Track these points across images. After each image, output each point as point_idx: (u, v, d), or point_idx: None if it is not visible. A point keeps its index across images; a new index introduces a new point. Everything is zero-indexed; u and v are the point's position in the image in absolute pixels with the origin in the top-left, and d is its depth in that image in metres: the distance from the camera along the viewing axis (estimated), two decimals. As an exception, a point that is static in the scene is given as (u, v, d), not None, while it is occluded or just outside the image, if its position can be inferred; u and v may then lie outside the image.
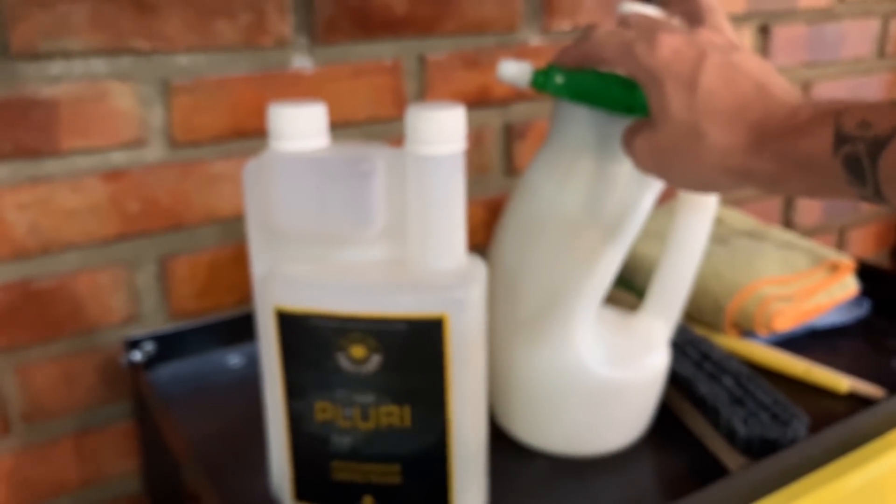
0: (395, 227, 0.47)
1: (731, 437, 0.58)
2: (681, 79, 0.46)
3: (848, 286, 0.80)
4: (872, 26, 1.29)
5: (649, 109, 0.48)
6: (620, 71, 0.50)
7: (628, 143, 0.50)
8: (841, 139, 0.40)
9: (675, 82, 0.46)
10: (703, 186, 0.48)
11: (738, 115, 0.45)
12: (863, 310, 0.82)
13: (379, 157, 0.46)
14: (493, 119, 0.94)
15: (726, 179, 0.46)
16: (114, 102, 0.72)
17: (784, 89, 0.46)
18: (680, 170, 0.47)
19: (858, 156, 0.39)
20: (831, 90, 1.28)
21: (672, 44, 0.46)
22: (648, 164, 0.49)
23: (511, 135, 0.96)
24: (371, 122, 0.86)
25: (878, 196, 0.40)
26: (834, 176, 0.41)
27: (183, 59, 0.74)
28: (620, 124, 0.54)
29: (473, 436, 0.50)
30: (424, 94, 0.88)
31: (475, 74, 0.90)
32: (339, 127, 0.83)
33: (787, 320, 0.75)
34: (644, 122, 0.49)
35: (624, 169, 0.55)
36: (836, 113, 0.41)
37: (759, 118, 0.44)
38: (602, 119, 0.54)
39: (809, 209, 1.32)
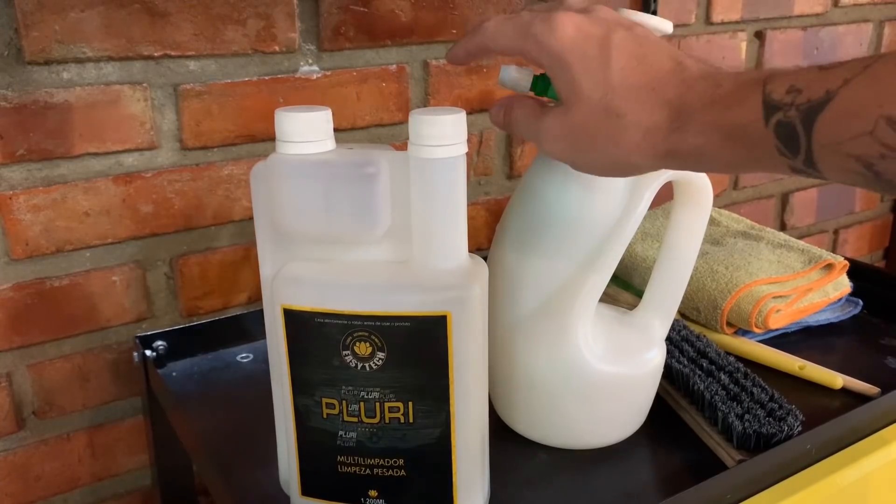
0: (399, 228, 0.48)
1: (727, 432, 0.58)
2: (589, 57, 0.42)
3: (842, 285, 0.81)
4: (866, 31, 1.29)
5: (557, 93, 0.45)
6: (522, 58, 0.46)
7: (534, 127, 0.47)
8: (771, 107, 0.37)
9: (584, 61, 0.43)
10: (620, 170, 0.45)
11: (656, 91, 0.42)
12: (856, 308, 0.82)
13: (383, 159, 0.47)
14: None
15: (648, 160, 0.43)
16: (126, 107, 0.73)
17: (697, 61, 0.43)
18: (596, 153, 0.44)
19: (792, 123, 0.36)
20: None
21: (573, 22, 0.43)
22: (558, 147, 0.46)
23: (512, 139, 0.97)
24: (376, 126, 0.86)
25: (809, 165, 0.37)
26: (763, 147, 0.38)
27: (193, 65, 0.75)
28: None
29: (475, 430, 0.50)
30: (428, 98, 0.89)
31: (477, 80, 0.91)
32: (345, 131, 0.85)
33: (782, 318, 0.76)
34: (552, 107, 0.46)
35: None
36: (761, 81, 0.38)
37: (679, 92, 0.41)
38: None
39: (804, 211, 1.32)
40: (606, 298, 0.62)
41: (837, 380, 0.68)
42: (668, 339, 0.66)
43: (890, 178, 0.35)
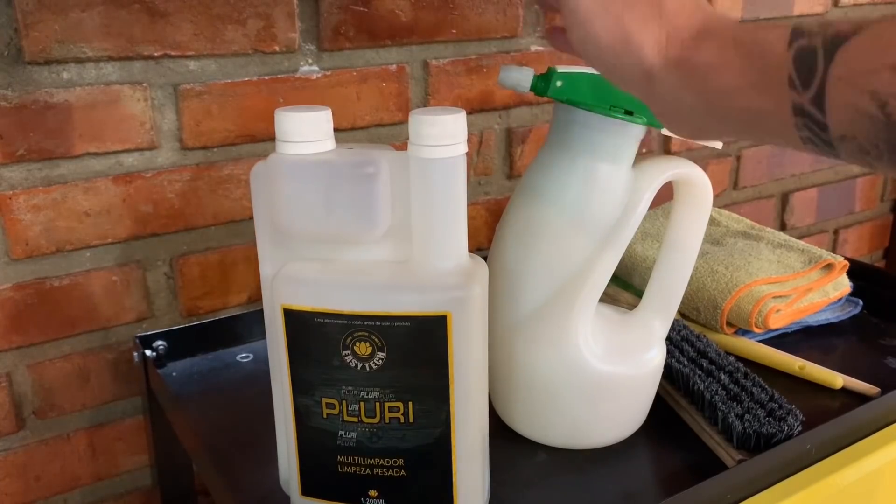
0: (399, 227, 0.48)
1: (727, 432, 0.59)
2: None
3: (842, 285, 0.81)
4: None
5: None
6: None
7: None
8: (798, 33, 0.35)
9: None
10: (624, 54, 0.42)
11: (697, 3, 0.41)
12: (856, 308, 0.82)
13: (383, 159, 0.47)
14: (495, 123, 0.95)
15: (657, 60, 0.41)
16: (126, 107, 0.73)
17: None
18: (615, 18, 0.41)
19: (814, 48, 0.34)
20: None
21: None
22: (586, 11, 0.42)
23: (512, 139, 0.97)
24: (376, 126, 0.87)
25: (816, 104, 0.35)
26: (776, 73, 0.36)
27: (193, 65, 0.75)
28: (619, 127, 0.55)
29: (475, 430, 0.50)
30: (428, 99, 0.89)
31: (477, 80, 0.91)
32: (345, 131, 0.85)
33: (782, 318, 0.76)
34: None
35: (621, 171, 0.57)
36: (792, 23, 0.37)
37: (712, 12, 0.41)
38: (600, 122, 0.55)
39: (804, 211, 1.32)
40: (606, 298, 0.62)
41: (837, 380, 0.68)
42: (668, 339, 0.66)
43: None
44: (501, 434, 0.62)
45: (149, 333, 0.75)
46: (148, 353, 0.74)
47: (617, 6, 0.41)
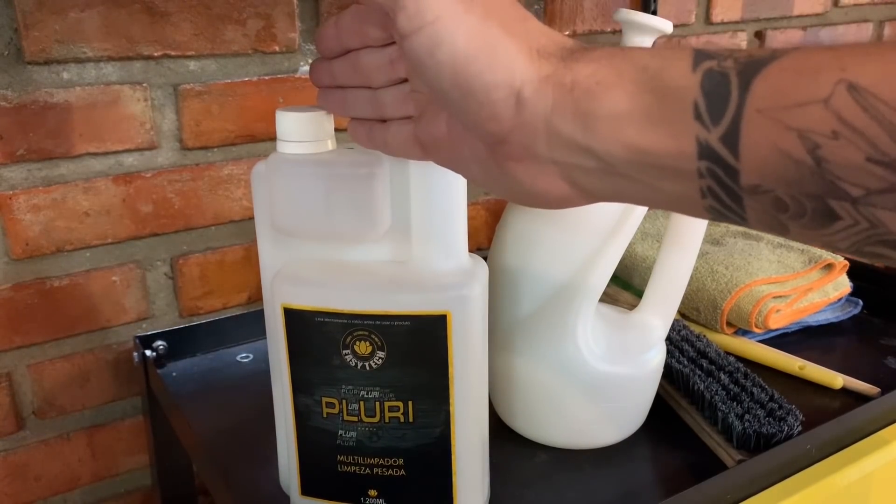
0: (399, 227, 0.48)
1: (727, 432, 0.59)
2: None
3: (842, 285, 0.81)
4: (866, 31, 1.29)
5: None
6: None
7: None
8: (703, 55, 0.29)
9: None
10: (479, 70, 0.32)
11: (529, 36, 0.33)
12: (856, 308, 0.82)
13: (383, 160, 0.47)
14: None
15: (520, 77, 0.32)
16: (125, 107, 0.73)
17: None
18: (474, 22, 0.32)
19: (726, 73, 0.28)
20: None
21: None
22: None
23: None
24: (376, 126, 0.86)
25: (728, 141, 0.27)
26: (678, 102, 0.28)
27: (193, 65, 0.75)
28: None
29: (475, 430, 0.50)
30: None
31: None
32: (345, 131, 0.85)
33: (782, 318, 0.76)
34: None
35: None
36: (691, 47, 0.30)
37: (562, 42, 0.33)
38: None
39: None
40: (606, 298, 0.62)
41: (837, 380, 0.68)
42: (668, 339, 0.66)
43: (834, 169, 0.26)
44: (501, 434, 0.62)
45: (149, 333, 0.75)
46: (148, 353, 0.75)
47: (478, 7, 0.33)
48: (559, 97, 0.31)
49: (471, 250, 0.49)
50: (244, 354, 0.78)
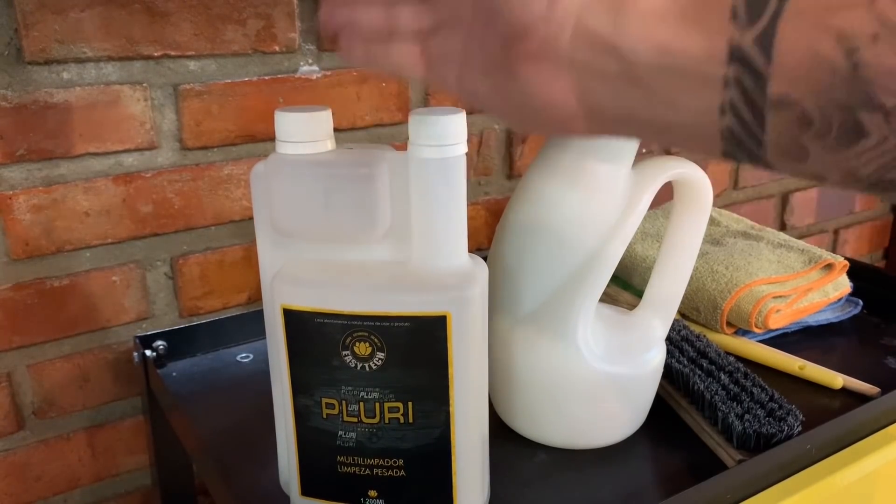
0: (399, 228, 0.48)
1: (727, 432, 0.59)
2: None
3: (842, 285, 0.81)
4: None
5: None
6: None
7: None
8: None
9: None
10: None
11: None
12: (856, 308, 0.82)
13: (383, 160, 0.47)
14: (495, 123, 0.95)
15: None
16: (125, 107, 0.73)
17: None
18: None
19: None
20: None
21: None
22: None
23: (512, 139, 0.97)
24: (376, 126, 0.87)
25: (762, 42, 0.27)
26: (716, 2, 0.28)
27: (193, 65, 0.75)
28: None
29: (475, 430, 0.50)
30: (428, 99, 0.89)
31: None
32: (345, 131, 0.85)
33: (782, 318, 0.76)
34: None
35: (621, 171, 0.57)
36: None
37: None
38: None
39: (804, 211, 1.32)
40: (606, 298, 0.62)
41: (837, 380, 0.68)
42: (668, 339, 0.66)
43: (870, 75, 0.25)
44: (501, 434, 0.62)
45: (149, 333, 0.75)
46: (148, 353, 0.74)
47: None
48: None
49: (471, 250, 0.49)
50: (244, 354, 0.78)
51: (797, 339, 0.78)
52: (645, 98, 0.30)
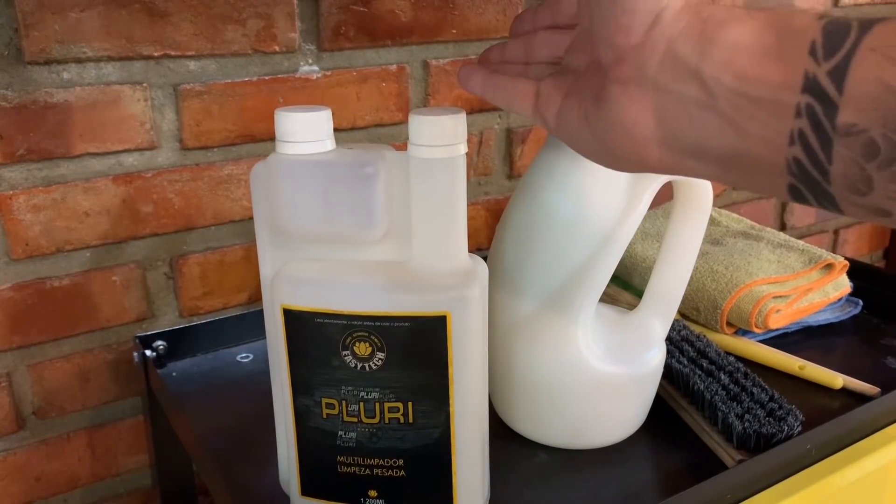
0: (399, 228, 0.48)
1: (727, 432, 0.59)
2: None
3: (842, 285, 0.81)
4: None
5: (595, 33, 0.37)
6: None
7: (563, 123, 0.40)
8: (828, 12, 0.31)
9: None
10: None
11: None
12: (856, 308, 0.82)
13: (383, 160, 0.47)
14: (495, 123, 0.95)
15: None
16: (125, 107, 0.73)
17: None
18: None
19: (848, 21, 0.29)
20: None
21: None
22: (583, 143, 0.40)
23: (512, 139, 0.97)
24: (376, 126, 0.87)
25: (836, 77, 0.29)
26: (797, 37, 0.30)
27: (193, 65, 0.75)
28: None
29: (475, 430, 0.50)
30: (428, 99, 0.89)
31: (478, 78, 0.91)
32: (345, 131, 0.85)
33: (782, 318, 0.76)
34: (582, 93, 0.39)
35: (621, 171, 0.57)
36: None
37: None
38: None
39: (804, 211, 1.32)
40: (606, 298, 0.62)
41: (837, 380, 0.68)
42: (668, 339, 0.66)
43: None
44: (501, 434, 0.62)
45: (149, 333, 0.75)
46: (148, 353, 0.74)
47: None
48: (692, 23, 0.34)
49: (471, 250, 0.49)
50: (244, 354, 0.78)
51: (797, 339, 0.78)
52: (718, 125, 0.33)
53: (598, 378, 0.58)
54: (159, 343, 0.75)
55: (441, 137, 0.45)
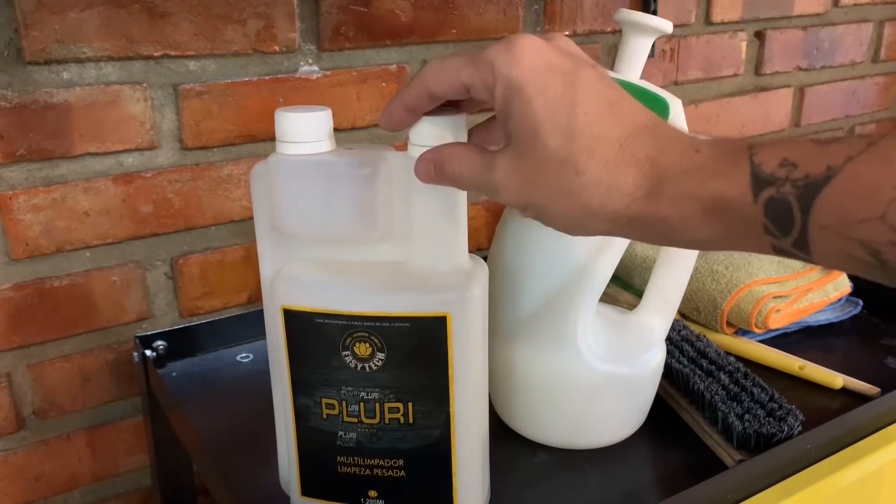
0: (398, 228, 0.48)
1: (727, 432, 0.59)
2: (552, 93, 0.36)
3: (842, 285, 0.81)
4: (866, 31, 1.29)
5: (507, 132, 0.39)
6: (475, 93, 0.40)
7: (484, 179, 0.40)
8: (761, 181, 0.33)
9: (546, 96, 0.36)
10: (577, 230, 0.39)
11: (624, 148, 0.36)
12: (856, 308, 0.82)
13: (383, 160, 0.47)
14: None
15: (607, 226, 0.37)
16: (125, 107, 0.73)
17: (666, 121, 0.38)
18: (550, 209, 0.38)
19: (787, 200, 0.32)
20: (826, 95, 1.28)
21: (536, 49, 0.37)
22: (524, 198, 0.39)
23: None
24: (376, 126, 0.87)
25: (800, 247, 0.33)
26: (749, 225, 0.34)
27: (193, 65, 0.75)
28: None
29: (475, 430, 0.50)
30: (428, 97, 0.89)
31: (478, 78, 0.91)
32: (345, 131, 0.85)
33: (782, 318, 0.76)
34: (498, 152, 0.40)
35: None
36: (746, 150, 0.34)
37: (650, 153, 0.36)
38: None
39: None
40: (606, 298, 0.62)
41: (837, 380, 0.68)
42: (668, 339, 0.66)
43: None
44: (501, 434, 0.62)
45: (149, 333, 0.75)
46: (148, 353, 0.74)
47: (542, 198, 0.38)
48: (634, 232, 0.38)
49: (471, 250, 0.49)
50: (244, 354, 0.78)
51: (797, 339, 0.78)
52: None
53: (598, 378, 0.58)
54: (159, 343, 0.75)
55: (441, 137, 0.45)
